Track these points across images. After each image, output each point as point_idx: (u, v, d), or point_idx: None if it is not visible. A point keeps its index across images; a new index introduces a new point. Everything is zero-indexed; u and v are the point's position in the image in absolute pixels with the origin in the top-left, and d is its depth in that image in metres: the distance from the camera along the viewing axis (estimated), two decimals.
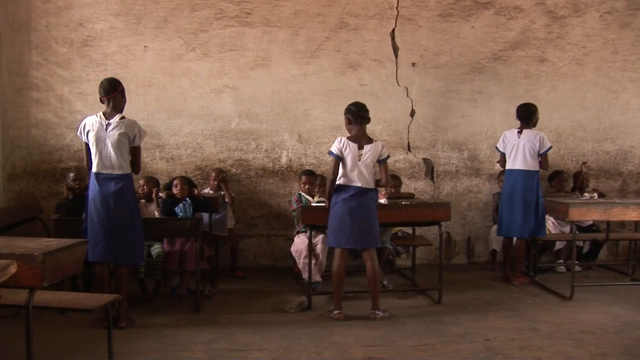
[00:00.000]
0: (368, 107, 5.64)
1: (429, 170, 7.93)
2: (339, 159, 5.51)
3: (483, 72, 7.97)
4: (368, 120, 5.60)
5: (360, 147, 5.47)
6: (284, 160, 7.70)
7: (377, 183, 5.59)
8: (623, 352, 4.72)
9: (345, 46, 7.70)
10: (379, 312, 5.54)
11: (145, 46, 7.44)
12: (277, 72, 7.63)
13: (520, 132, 6.87)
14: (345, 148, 5.48)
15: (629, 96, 8.36)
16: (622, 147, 8.41)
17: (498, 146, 7.04)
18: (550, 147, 6.88)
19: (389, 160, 5.66)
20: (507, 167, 6.91)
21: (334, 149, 5.51)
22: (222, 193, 6.99)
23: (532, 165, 6.80)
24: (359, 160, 5.45)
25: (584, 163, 7.74)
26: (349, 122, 5.61)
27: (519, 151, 6.81)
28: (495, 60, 7.99)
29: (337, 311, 5.55)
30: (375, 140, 5.59)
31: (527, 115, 6.91)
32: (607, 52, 8.28)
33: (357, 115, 5.54)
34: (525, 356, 4.60)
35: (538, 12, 8.06)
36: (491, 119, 8.00)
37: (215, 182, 7.14)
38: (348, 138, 5.54)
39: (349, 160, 5.47)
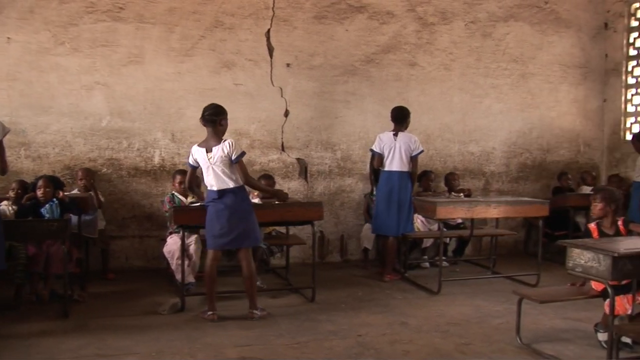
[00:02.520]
0: (243, 106, 5.65)
1: (303, 170, 8.02)
2: (194, 168, 5.56)
3: (356, 74, 8.15)
4: (216, 122, 5.46)
5: (209, 150, 5.41)
6: (156, 159, 7.52)
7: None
8: (484, 341, 5.00)
9: (220, 45, 7.63)
10: (256, 312, 5.54)
11: (8, 38, 7.02)
12: (151, 69, 7.44)
13: (395, 135, 7.09)
14: (196, 154, 5.48)
15: (491, 101, 8.86)
16: (485, 148, 8.88)
17: (374, 148, 7.19)
18: (422, 151, 7.21)
19: (263, 160, 5.66)
20: (385, 168, 7.10)
21: (190, 159, 5.56)
22: (91, 194, 6.73)
23: (407, 166, 7.07)
24: (209, 164, 5.41)
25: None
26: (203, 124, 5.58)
27: (395, 153, 7.03)
28: (368, 63, 8.20)
29: (211, 312, 5.50)
30: (225, 140, 5.46)
31: (401, 118, 7.14)
32: (471, 59, 8.72)
33: (202, 118, 5.50)
34: (395, 350, 4.75)
35: (409, 18, 8.36)
36: (364, 120, 8.20)
37: (82, 182, 6.86)
38: (198, 144, 5.51)
39: (202, 165, 5.46)
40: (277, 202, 6.24)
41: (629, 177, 8.56)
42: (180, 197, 6.73)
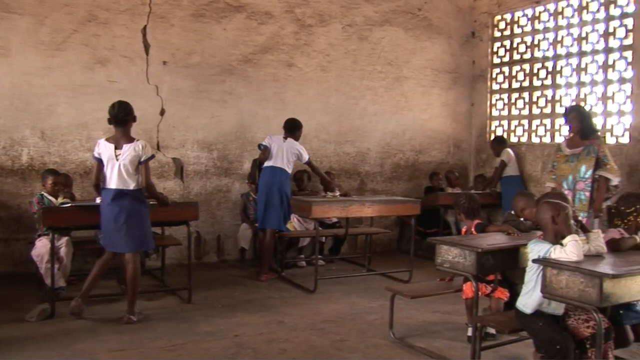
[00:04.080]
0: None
1: (179, 169, 7.89)
2: (100, 161, 5.35)
3: (234, 73, 8.12)
4: (128, 121, 5.40)
5: (118, 147, 5.28)
6: (24, 158, 7.14)
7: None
8: (358, 337, 5.12)
9: (94, 40, 7.36)
10: (133, 317, 5.38)
11: None
12: (18, 63, 7.04)
13: (285, 139, 7.29)
14: (101, 149, 5.30)
15: (366, 103, 9.10)
16: (360, 149, 9.11)
17: (264, 142, 7.28)
18: (309, 160, 7.42)
19: None
20: (269, 164, 7.19)
21: (95, 152, 5.38)
22: None
23: (290, 167, 7.27)
24: (116, 161, 5.25)
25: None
26: (109, 122, 5.41)
27: (282, 152, 7.19)
28: (245, 62, 8.19)
29: (75, 302, 5.39)
30: (137, 140, 5.39)
31: (292, 128, 7.38)
32: (348, 61, 8.92)
33: (114, 118, 5.35)
34: (272, 349, 4.78)
35: (287, 19, 8.43)
36: (240, 120, 8.18)
37: None
38: (107, 139, 5.35)
39: (106, 162, 5.29)
40: (152, 202, 6.10)
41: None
42: (50, 197, 6.40)
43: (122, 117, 5.37)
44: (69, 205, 5.75)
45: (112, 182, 5.28)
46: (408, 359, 4.66)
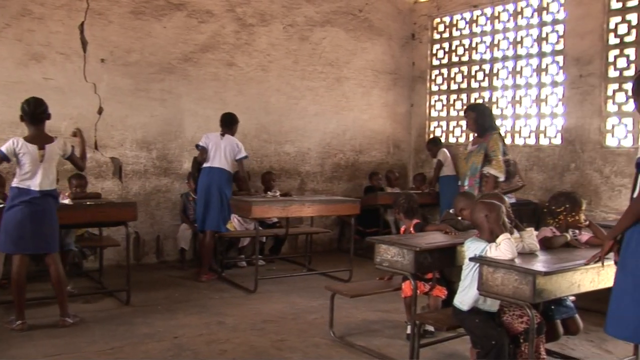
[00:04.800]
0: (53, 102, 5.33)
1: (117, 169, 7.75)
2: (6, 160, 5.10)
3: (173, 72, 8.03)
4: (43, 119, 5.20)
5: (41, 147, 5.10)
6: None
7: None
8: (299, 336, 5.15)
9: (28, 36, 7.15)
10: (68, 319, 5.26)
11: None
12: None
13: (222, 135, 7.22)
14: (21, 149, 5.05)
15: (307, 103, 9.13)
16: (300, 149, 9.13)
17: (201, 143, 7.23)
18: (246, 157, 7.39)
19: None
20: (207, 164, 7.15)
21: (5, 150, 5.05)
22: None
23: (229, 166, 7.21)
24: (41, 161, 5.11)
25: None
26: (21, 120, 5.22)
27: (220, 151, 7.14)
28: (185, 61, 8.11)
29: (20, 321, 5.13)
30: (57, 138, 5.26)
31: (229, 123, 7.33)
32: (288, 61, 8.93)
33: (31, 116, 5.15)
34: (212, 350, 4.75)
35: (228, 18, 8.38)
36: (180, 119, 8.09)
37: None
38: (25, 139, 5.13)
39: (28, 163, 5.07)
40: (89, 203, 6.00)
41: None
42: None
43: (39, 115, 5.17)
44: None
45: (37, 183, 5.08)
46: (348, 358, 4.70)
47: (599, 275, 3.86)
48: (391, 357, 4.68)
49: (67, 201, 5.77)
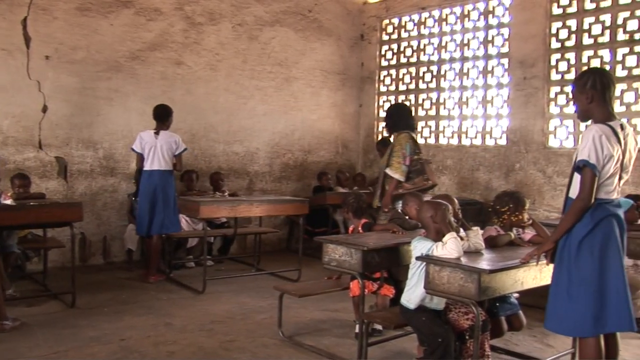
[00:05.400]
0: None
1: (62, 169, 7.59)
2: None
3: (121, 71, 7.91)
4: None
5: None
6: None
7: None
8: (248, 336, 5.14)
9: None
10: (7, 322, 5.13)
11: None
12: None
13: (157, 133, 7.03)
14: None
15: (256, 102, 9.11)
16: (249, 148, 9.11)
17: (134, 147, 7.06)
18: (185, 149, 7.22)
19: (18, 158, 5.30)
20: (147, 168, 6.99)
21: None
22: None
23: (169, 165, 7.05)
24: None
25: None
26: None
27: (157, 151, 6.97)
28: (133, 59, 8.00)
29: None
30: None
31: (163, 116, 7.12)
32: (237, 60, 8.89)
33: None
34: (159, 351, 4.71)
35: (177, 16, 8.30)
36: (127, 119, 7.98)
37: None
38: None
39: None
40: (32, 203, 5.87)
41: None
42: None
43: None
44: None
45: None
46: (297, 358, 4.71)
47: (541, 273, 3.96)
48: (340, 356, 4.71)
49: (9, 202, 5.63)
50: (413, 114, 7.17)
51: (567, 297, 3.52)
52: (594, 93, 3.58)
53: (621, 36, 7.21)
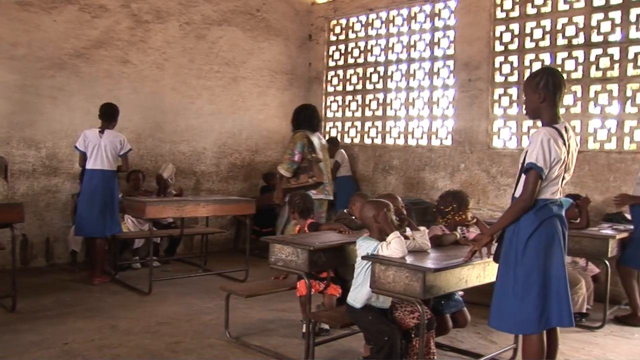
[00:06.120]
0: None
1: (2, 168, 7.37)
2: None
3: (64, 68, 7.75)
4: None
5: None
6: None
7: None
8: (194, 338, 5.11)
9: None
10: None
11: None
12: None
13: (102, 132, 6.92)
14: None
15: (203, 102, 9.04)
16: (196, 148, 9.04)
17: (78, 145, 6.94)
18: (130, 150, 7.13)
19: None
20: (89, 167, 6.88)
21: None
22: None
23: (112, 165, 6.96)
24: None
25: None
26: None
27: (100, 151, 6.86)
28: (77, 57, 7.84)
29: None
30: None
31: (109, 115, 7.02)
32: (184, 59, 8.81)
33: None
34: (104, 355, 4.63)
35: (123, 14, 8.17)
36: (71, 117, 7.82)
37: None
38: None
39: None
40: None
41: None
42: None
43: None
44: None
45: None
46: (244, 358, 4.70)
47: (485, 271, 4.06)
48: (287, 356, 4.73)
49: None
50: (319, 114, 7.41)
51: (513, 295, 3.60)
52: (546, 93, 3.66)
53: (560, 41, 7.43)
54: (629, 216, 6.28)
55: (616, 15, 7.04)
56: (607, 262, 5.78)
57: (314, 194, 6.29)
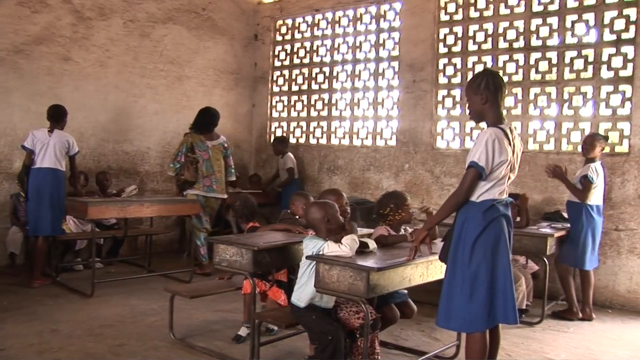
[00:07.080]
0: None
1: None
2: None
3: (3, 65, 7.53)
4: None
5: None
6: None
7: None
8: (138, 340, 5.05)
9: None
10: None
11: None
12: None
13: (51, 132, 6.86)
14: None
15: (147, 101, 8.93)
16: (140, 148, 8.92)
17: (26, 144, 6.81)
18: (78, 152, 7.09)
19: None
20: (36, 165, 6.79)
21: None
22: None
23: (60, 165, 6.88)
24: None
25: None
26: None
27: (49, 150, 6.78)
28: (16, 53, 7.64)
29: None
30: None
31: (57, 116, 6.97)
32: (128, 57, 8.68)
33: None
34: (45, 359, 4.54)
35: (64, 9, 8.00)
36: (10, 115, 7.61)
37: None
38: None
39: None
40: None
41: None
42: None
43: None
44: None
45: None
46: (188, 359, 4.68)
47: (428, 270, 4.12)
48: (232, 357, 4.71)
49: None
50: (215, 118, 8.14)
51: (461, 295, 3.64)
52: (488, 94, 3.73)
53: (502, 44, 7.60)
54: (566, 215, 6.47)
55: (554, 20, 7.24)
56: (546, 259, 5.96)
57: (194, 189, 7.64)
